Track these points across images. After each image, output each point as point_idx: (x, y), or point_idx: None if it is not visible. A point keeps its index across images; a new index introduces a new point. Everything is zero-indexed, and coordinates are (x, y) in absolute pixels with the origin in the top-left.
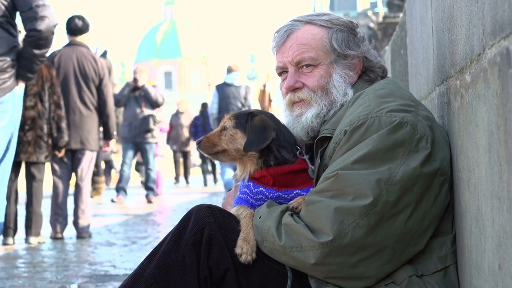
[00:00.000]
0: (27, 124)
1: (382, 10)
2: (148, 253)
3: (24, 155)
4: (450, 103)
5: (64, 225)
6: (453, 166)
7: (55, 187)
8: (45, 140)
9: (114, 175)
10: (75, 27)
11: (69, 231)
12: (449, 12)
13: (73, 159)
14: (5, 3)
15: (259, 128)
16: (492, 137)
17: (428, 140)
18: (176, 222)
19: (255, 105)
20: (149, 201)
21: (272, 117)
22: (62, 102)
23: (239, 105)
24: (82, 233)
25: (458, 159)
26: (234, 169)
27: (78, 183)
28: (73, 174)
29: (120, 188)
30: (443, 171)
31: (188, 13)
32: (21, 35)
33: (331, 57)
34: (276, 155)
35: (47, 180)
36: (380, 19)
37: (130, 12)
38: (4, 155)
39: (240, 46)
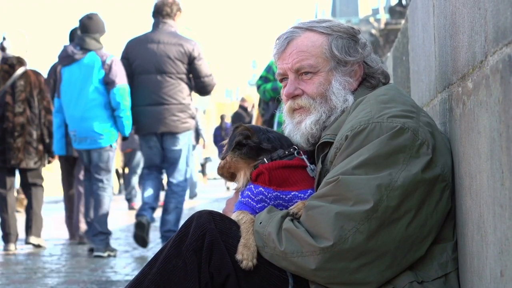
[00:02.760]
0: (16, 130)
1: (384, 16)
2: (149, 259)
3: (15, 161)
4: (452, 110)
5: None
6: (455, 172)
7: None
8: (34, 146)
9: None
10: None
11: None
12: (451, 19)
13: (76, 164)
14: None
15: (231, 137)
16: (494, 144)
17: (429, 146)
18: (177, 228)
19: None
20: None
21: (253, 126)
22: (52, 107)
23: None
24: (82, 238)
25: (460, 166)
26: None
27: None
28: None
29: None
30: (444, 177)
31: (190, 19)
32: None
33: (331, 64)
34: (264, 146)
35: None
36: (382, 26)
37: (132, 18)
38: None
39: (242, 52)
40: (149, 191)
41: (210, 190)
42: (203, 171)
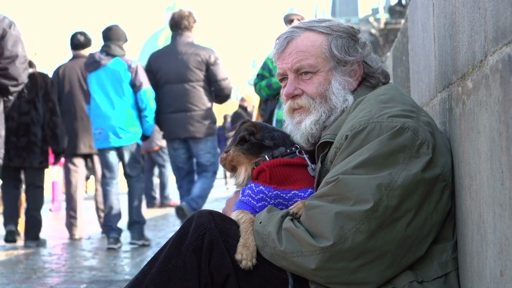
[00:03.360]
0: (21, 130)
1: (383, 16)
2: (149, 258)
3: (18, 160)
4: (452, 110)
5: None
6: (455, 172)
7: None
8: (39, 145)
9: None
10: (78, 42)
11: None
12: (451, 18)
13: (86, 163)
14: None
15: (236, 131)
16: (494, 143)
17: (429, 146)
18: (177, 227)
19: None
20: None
21: (259, 123)
22: (58, 109)
23: None
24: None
25: (459, 166)
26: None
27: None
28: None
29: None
30: (444, 177)
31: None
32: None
33: (331, 64)
34: (266, 143)
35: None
36: (382, 25)
37: (131, 18)
38: None
39: (242, 52)
40: (184, 191)
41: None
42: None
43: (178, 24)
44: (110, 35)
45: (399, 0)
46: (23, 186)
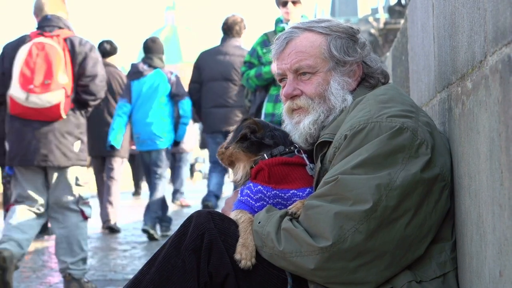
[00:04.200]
0: None
1: (383, 16)
2: (148, 258)
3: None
4: (451, 110)
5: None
6: (454, 172)
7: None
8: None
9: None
10: (104, 50)
11: None
12: (451, 18)
13: (104, 164)
14: None
15: (238, 128)
16: (493, 144)
17: (428, 146)
18: (177, 227)
19: None
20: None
21: (261, 121)
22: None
23: None
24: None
25: (459, 166)
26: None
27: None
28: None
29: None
30: (444, 177)
31: (189, 18)
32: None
33: (329, 64)
34: (266, 142)
35: None
36: (381, 25)
37: (131, 17)
38: None
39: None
40: (215, 182)
41: None
42: (191, 172)
43: (230, 29)
44: (153, 47)
45: (398, 0)
46: None
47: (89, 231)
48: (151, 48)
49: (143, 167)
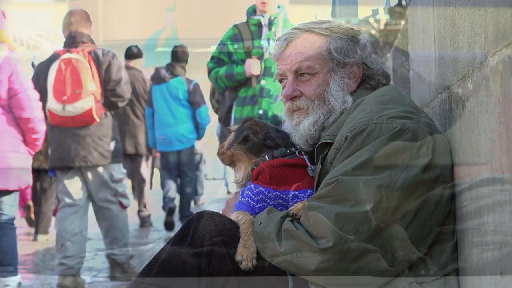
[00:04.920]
0: None
1: (383, 17)
2: (149, 259)
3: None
4: (452, 111)
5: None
6: (455, 173)
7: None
8: None
9: None
10: (131, 53)
11: None
12: (451, 20)
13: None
14: None
15: (239, 128)
16: (494, 145)
17: (429, 147)
18: (178, 228)
19: None
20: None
21: (263, 122)
22: None
23: None
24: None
25: (459, 167)
26: None
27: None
28: None
29: None
30: (444, 178)
31: (190, 18)
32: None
33: (329, 65)
34: (268, 143)
35: None
36: (382, 26)
37: (131, 17)
38: None
39: None
40: None
41: (210, 191)
42: None
43: None
44: (178, 56)
45: (399, 1)
46: None
47: (89, 231)
48: (177, 56)
49: (165, 167)
